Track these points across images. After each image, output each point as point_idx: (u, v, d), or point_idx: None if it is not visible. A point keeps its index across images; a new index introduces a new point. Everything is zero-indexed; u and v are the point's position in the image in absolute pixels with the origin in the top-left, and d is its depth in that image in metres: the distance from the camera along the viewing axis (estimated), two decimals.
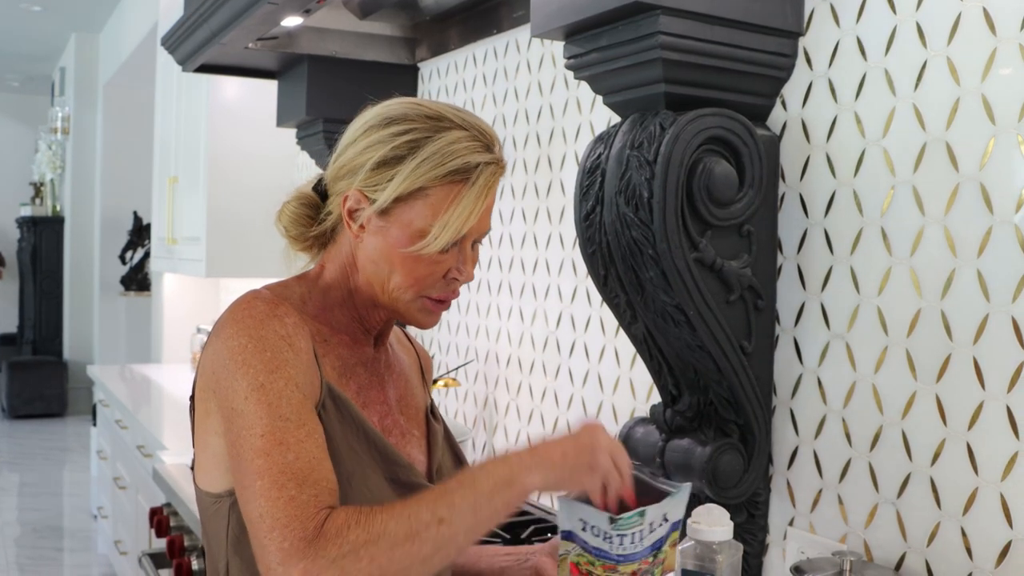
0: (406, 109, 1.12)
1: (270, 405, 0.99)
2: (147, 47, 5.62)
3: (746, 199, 1.39)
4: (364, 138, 1.12)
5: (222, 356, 1.03)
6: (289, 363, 1.03)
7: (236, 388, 1.01)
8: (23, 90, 9.76)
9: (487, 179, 1.10)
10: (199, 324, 4.62)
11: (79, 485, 6.13)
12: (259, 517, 0.95)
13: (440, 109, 1.12)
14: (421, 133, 1.09)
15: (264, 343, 1.03)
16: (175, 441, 2.96)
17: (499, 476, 1.00)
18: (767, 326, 1.47)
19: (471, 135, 1.10)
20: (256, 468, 0.97)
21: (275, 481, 0.96)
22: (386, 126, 1.11)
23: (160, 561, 2.47)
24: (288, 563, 0.91)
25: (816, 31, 1.42)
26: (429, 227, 1.08)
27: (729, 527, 1.21)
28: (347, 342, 1.17)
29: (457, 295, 1.16)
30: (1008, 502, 1.16)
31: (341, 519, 0.94)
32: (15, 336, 9.34)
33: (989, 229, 1.18)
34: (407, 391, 1.25)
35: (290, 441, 0.98)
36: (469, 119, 1.12)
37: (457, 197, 1.08)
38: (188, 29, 2.41)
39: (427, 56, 2.60)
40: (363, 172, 1.10)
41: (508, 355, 2.25)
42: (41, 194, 8.83)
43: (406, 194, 1.08)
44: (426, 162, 1.07)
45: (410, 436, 1.21)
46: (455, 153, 1.08)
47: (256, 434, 0.98)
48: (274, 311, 1.06)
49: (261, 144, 3.68)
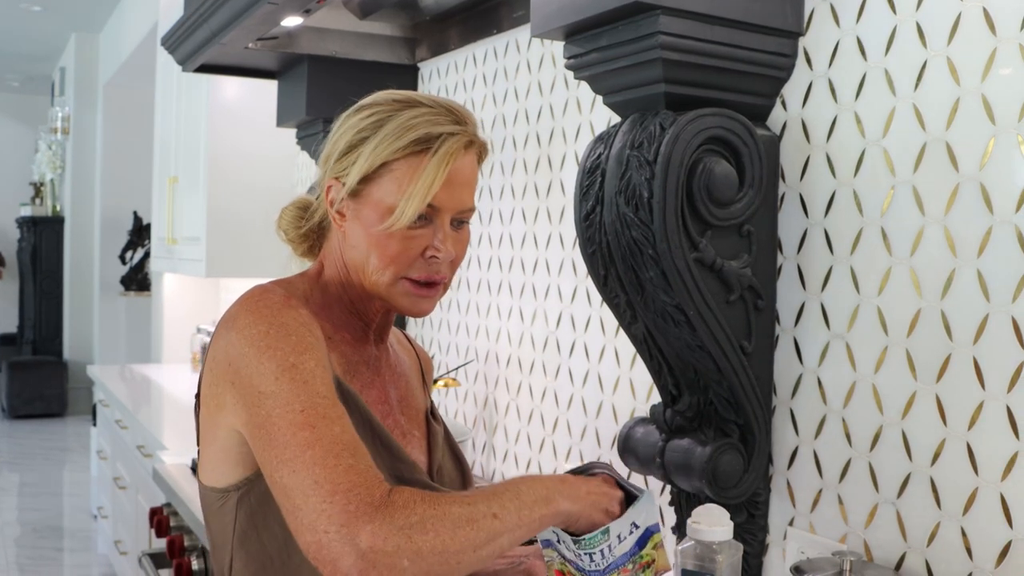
0: (377, 96, 1.14)
1: (306, 383, 0.99)
2: (147, 47, 5.62)
3: (746, 199, 1.39)
4: (339, 128, 1.14)
5: (240, 345, 1.02)
6: (315, 346, 1.03)
7: (264, 371, 0.99)
8: (23, 90, 9.76)
9: (449, 147, 1.09)
10: (199, 324, 4.62)
11: (79, 485, 6.13)
12: (315, 483, 0.93)
13: (413, 95, 1.13)
14: (385, 113, 1.10)
15: (287, 328, 1.02)
16: (175, 441, 2.96)
17: (538, 492, 1.04)
18: (767, 326, 1.47)
19: (435, 111, 1.11)
20: (303, 440, 0.95)
21: (329, 450, 0.95)
22: (355, 112, 1.13)
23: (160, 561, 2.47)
24: (355, 524, 0.90)
25: (816, 31, 1.43)
26: (396, 202, 1.08)
27: (729, 527, 1.21)
28: (349, 340, 1.17)
29: (442, 276, 1.14)
30: (1008, 502, 1.16)
31: (408, 493, 0.95)
32: (15, 336, 9.34)
33: (989, 229, 1.18)
34: (407, 392, 1.25)
35: (333, 416, 0.98)
36: (441, 101, 1.12)
37: (419, 167, 1.08)
38: (188, 29, 2.41)
39: (427, 56, 2.60)
40: (333, 159, 1.13)
41: (508, 355, 2.25)
42: (41, 194, 8.83)
43: (371, 172, 1.09)
44: (387, 137, 1.08)
45: (411, 436, 1.21)
46: (415, 126, 1.08)
47: (296, 409, 0.97)
48: (288, 302, 1.07)
49: (261, 144, 3.68)
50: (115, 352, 7.25)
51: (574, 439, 2.00)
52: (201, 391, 1.11)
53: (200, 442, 1.12)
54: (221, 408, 1.05)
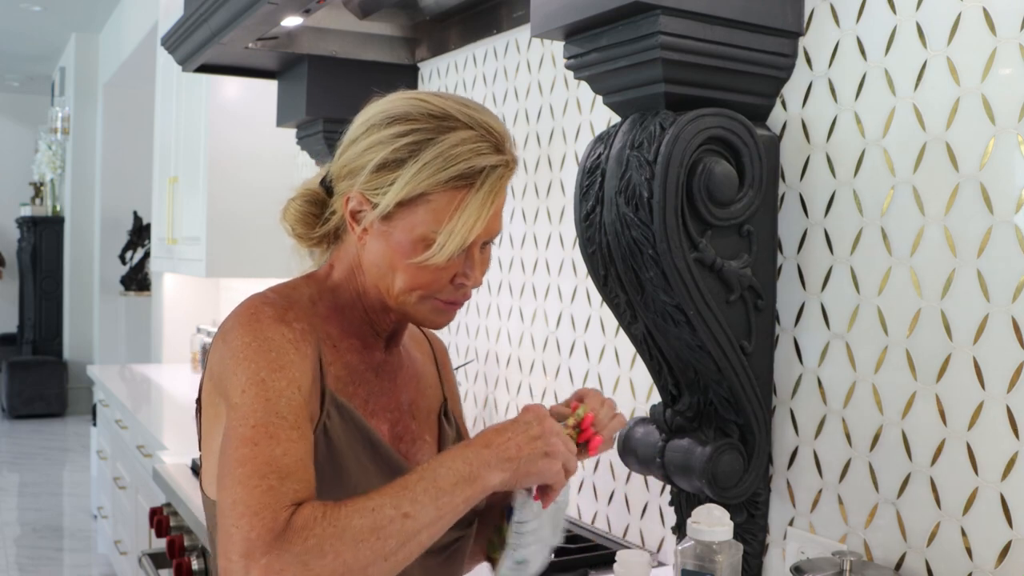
0: (409, 107, 1.07)
1: (268, 400, 0.97)
2: (147, 47, 5.62)
3: (746, 199, 1.39)
4: (365, 137, 1.08)
5: (224, 357, 1.01)
6: (294, 365, 1.00)
7: (235, 383, 0.98)
8: (23, 90, 9.76)
9: (493, 183, 1.05)
10: (199, 324, 4.61)
11: (79, 485, 6.13)
12: (231, 504, 0.91)
13: (446, 106, 1.06)
14: (423, 135, 1.04)
15: (269, 343, 1.00)
16: (175, 441, 2.96)
17: (460, 472, 0.97)
18: (767, 326, 1.46)
19: (478, 135, 1.05)
20: (240, 456, 0.93)
21: (257, 471, 0.92)
22: (388, 125, 1.06)
23: (160, 561, 2.47)
24: (252, 555, 0.87)
25: (816, 31, 1.42)
26: (432, 233, 1.04)
27: (729, 527, 1.21)
28: (357, 347, 1.14)
29: (468, 297, 1.13)
30: (1008, 502, 1.16)
31: (307, 512, 0.90)
32: (15, 336, 9.34)
33: (989, 229, 1.18)
34: (419, 393, 1.22)
35: (281, 437, 0.95)
36: (477, 116, 1.07)
37: (461, 203, 1.03)
38: (188, 29, 2.41)
39: (427, 56, 2.60)
40: (364, 174, 1.06)
41: (508, 355, 2.25)
42: (41, 194, 8.83)
43: (408, 199, 1.04)
44: (427, 166, 1.03)
45: (421, 442, 1.19)
46: (458, 157, 1.03)
47: (248, 425, 0.95)
48: (283, 316, 1.04)
49: (261, 144, 3.68)
50: (115, 352, 7.25)
51: None
52: (201, 398, 1.10)
53: (201, 448, 1.11)
54: (218, 418, 1.04)
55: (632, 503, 1.84)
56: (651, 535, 1.79)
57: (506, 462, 1.00)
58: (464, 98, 1.09)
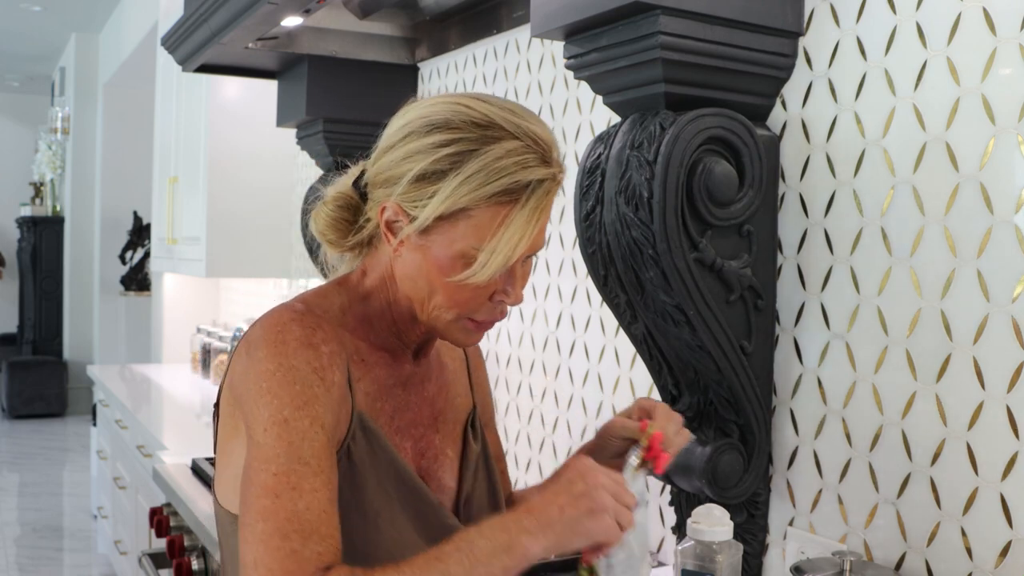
0: (451, 113, 1.00)
1: (291, 444, 0.94)
2: (147, 47, 5.62)
3: (746, 199, 1.39)
4: (404, 144, 1.02)
5: (249, 379, 0.98)
6: (318, 399, 0.97)
7: (258, 417, 0.95)
8: (23, 90, 9.76)
9: (540, 198, 0.99)
10: (199, 324, 4.62)
11: (79, 485, 6.13)
12: (253, 564, 0.90)
13: (490, 112, 1.00)
14: (466, 145, 0.98)
15: (295, 373, 0.96)
16: (175, 441, 2.96)
17: (498, 541, 0.92)
18: (767, 326, 1.46)
19: (524, 145, 0.99)
20: (261, 508, 0.91)
21: (279, 529, 0.90)
22: (428, 132, 1.00)
23: (160, 561, 2.47)
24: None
25: (816, 31, 1.42)
26: (472, 249, 0.99)
27: (729, 527, 1.22)
28: (386, 360, 1.10)
29: (504, 315, 1.07)
30: (1008, 502, 1.16)
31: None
32: (15, 336, 9.34)
33: (989, 229, 1.18)
34: (447, 403, 1.18)
35: (304, 487, 0.92)
36: (523, 124, 1.00)
37: (505, 220, 0.98)
38: (188, 29, 2.41)
39: (427, 56, 2.60)
40: (402, 184, 1.00)
41: (508, 355, 2.25)
42: (41, 194, 8.83)
43: (448, 213, 0.98)
44: (470, 180, 0.97)
45: (443, 458, 1.15)
46: (503, 170, 0.97)
47: (270, 472, 0.93)
48: (310, 338, 0.99)
49: (261, 144, 3.68)
50: (115, 352, 7.25)
51: (574, 439, 2.00)
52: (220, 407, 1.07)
53: (216, 455, 1.09)
54: (236, 432, 1.03)
55: None
56: (651, 535, 1.79)
57: (547, 528, 0.94)
58: (509, 102, 1.03)
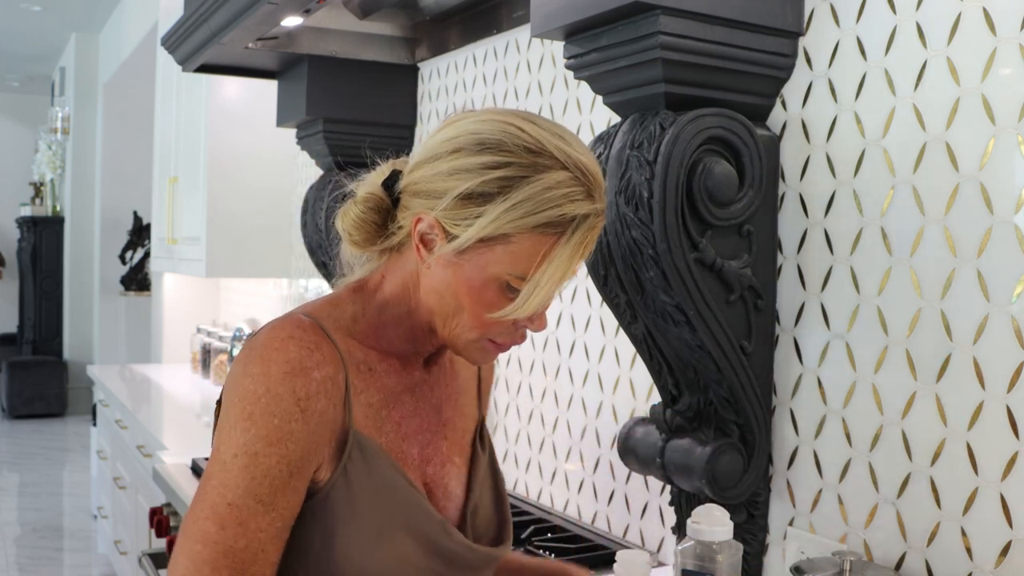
0: (503, 135, 0.98)
1: (253, 479, 0.94)
2: (147, 47, 5.62)
3: (746, 199, 1.39)
4: (451, 159, 0.99)
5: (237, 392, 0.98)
6: (292, 436, 0.96)
7: (232, 438, 0.96)
8: (23, 90, 9.76)
9: (584, 234, 0.98)
10: (199, 324, 4.62)
11: (79, 485, 6.13)
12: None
13: (543, 139, 0.98)
14: (516, 171, 0.96)
15: (277, 404, 0.96)
16: (175, 441, 2.96)
17: None
18: (767, 326, 1.46)
19: (572, 178, 0.97)
20: (204, 531, 0.93)
21: (213, 560, 0.92)
22: (478, 152, 0.98)
23: (160, 561, 2.47)
24: None
25: (816, 31, 1.42)
26: (506, 275, 0.98)
27: (729, 527, 1.21)
28: (395, 367, 1.09)
29: (524, 340, 1.06)
30: (1008, 502, 1.16)
31: None
32: (15, 336, 9.34)
33: (989, 229, 1.18)
34: (456, 411, 1.17)
35: (251, 526, 0.94)
36: (573, 154, 0.98)
37: (549, 254, 0.97)
38: (188, 29, 2.41)
39: (427, 56, 2.60)
40: (445, 200, 0.98)
41: (508, 355, 2.25)
42: (41, 194, 8.83)
43: (488, 237, 0.97)
44: (517, 207, 0.95)
45: (450, 464, 1.13)
46: (550, 201, 0.96)
47: (225, 499, 0.94)
48: (304, 362, 0.98)
49: (261, 144, 3.68)
50: (115, 352, 7.26)
51: (574, 439, 2.00)
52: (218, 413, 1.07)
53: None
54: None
55: (632, 503, 1.84)
56: (651, 535, 1.79)
57: None
58: (557, 125, 1.01)
